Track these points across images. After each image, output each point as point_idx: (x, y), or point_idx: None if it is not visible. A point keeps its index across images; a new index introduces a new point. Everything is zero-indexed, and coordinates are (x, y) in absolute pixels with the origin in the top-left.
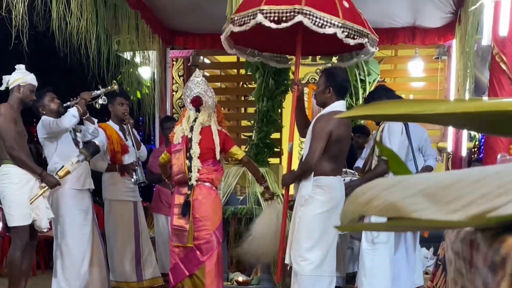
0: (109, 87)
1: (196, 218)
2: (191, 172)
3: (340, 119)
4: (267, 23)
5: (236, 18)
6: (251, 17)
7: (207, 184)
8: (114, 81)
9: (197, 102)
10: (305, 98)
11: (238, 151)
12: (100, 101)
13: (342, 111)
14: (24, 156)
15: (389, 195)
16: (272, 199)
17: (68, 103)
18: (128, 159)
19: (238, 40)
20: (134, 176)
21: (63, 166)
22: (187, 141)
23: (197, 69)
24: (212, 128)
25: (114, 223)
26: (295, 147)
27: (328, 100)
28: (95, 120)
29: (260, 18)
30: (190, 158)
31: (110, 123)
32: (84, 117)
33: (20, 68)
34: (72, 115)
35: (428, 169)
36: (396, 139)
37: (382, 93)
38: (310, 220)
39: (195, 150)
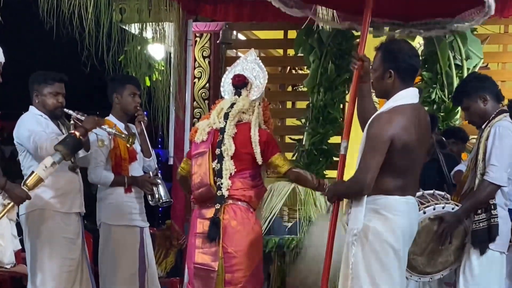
0: (123, 135)
1: (228, 253)
2: (220, 178)
3: (408, 119)
4: None
5: None
6: None
7: (242, 204)
8: (131, 137)
9: (239, 80)
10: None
11: (282, 162)
12: (106, 141)
13: (412, 103)
14: None
15: None
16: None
17: (71, 112)
18: (135, 169)
19: None
20: (156, 194)
21: (32, 172)
22: (216, 137)
23: (252, 49)
24: (252, 124)
25: (113, 256)
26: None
27: (389, 88)
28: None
29: None
30: (220, 158)
31: (113, 119)
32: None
33: None
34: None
35: None
36: (507, 147)
37: (479, 84)
38: (367, 262)
39: (228, 146)
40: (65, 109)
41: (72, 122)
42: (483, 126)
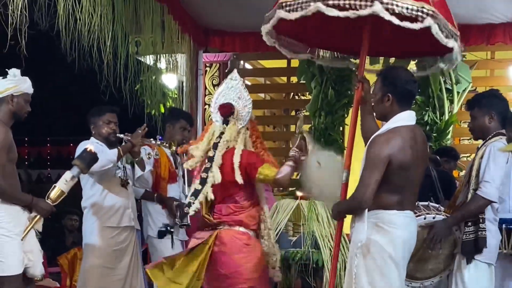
0: (167, 144)
1: (221, 275)
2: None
3: (404, 140)
4: (330, 12)
5: (286, 2)
6: (307, 3)
7: (235, 228)
8: (173, 142)
9: (226, 110)
10: None
11: (269, 170)
12: (152, 153)
13: (408, 125)
14: (7, 187)
15: None
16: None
17: (122, 136)
18: (173, 191)
19: (287, 32)
20: (178, 216)
21: (54, 187)
22: (203, 162)
23: (234, 70)
24: (235, 151)
25: None
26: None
27: (388, 110)
28: (148, 169)
29: (319, 6)
30: (203, 182)
31: (152, 142)
32: (135, 160)
33: (15, 74)
34: (107, 160)
35: None
36: (500, 166)
37: (494, 101)
38: (369, 273)
39: (215, 174)
40: (118, 134)
41: (124, 143)
42: (479, 146)
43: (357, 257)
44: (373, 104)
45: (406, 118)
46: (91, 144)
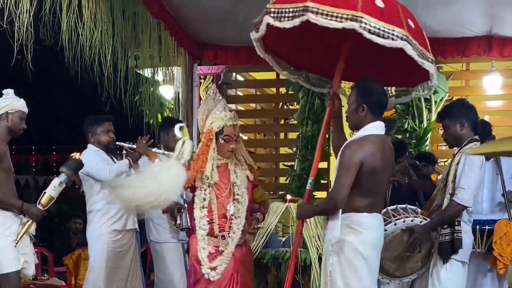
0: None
1: None
2: None
3: (375, 147)
4: (315, 20)
5: (274, 9)
6: (296, 13)
7: None
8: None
9: None
10: None
11: None
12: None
13: (378, 134)
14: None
15: None
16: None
17: (123, 143)
18: None
19: (272, 48)
20: (178, 220)
21: (44, 193)
22: None
23: (213, 85)
24: None
25: (169, 272)
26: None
27: (362, 120)
28: None
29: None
30: None
31: (157, 151)
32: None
33: (8, 93)
34: (121, 171)
35: None
36: (475, 173)
37: (462, 110)
38: (342, 270)
39: None
40: (117, 142)
41: (124, 152)
42: (455, 152)
43: (332, 255)
44: (346, 114)
45: (377, 127)
46: (77, 153)
